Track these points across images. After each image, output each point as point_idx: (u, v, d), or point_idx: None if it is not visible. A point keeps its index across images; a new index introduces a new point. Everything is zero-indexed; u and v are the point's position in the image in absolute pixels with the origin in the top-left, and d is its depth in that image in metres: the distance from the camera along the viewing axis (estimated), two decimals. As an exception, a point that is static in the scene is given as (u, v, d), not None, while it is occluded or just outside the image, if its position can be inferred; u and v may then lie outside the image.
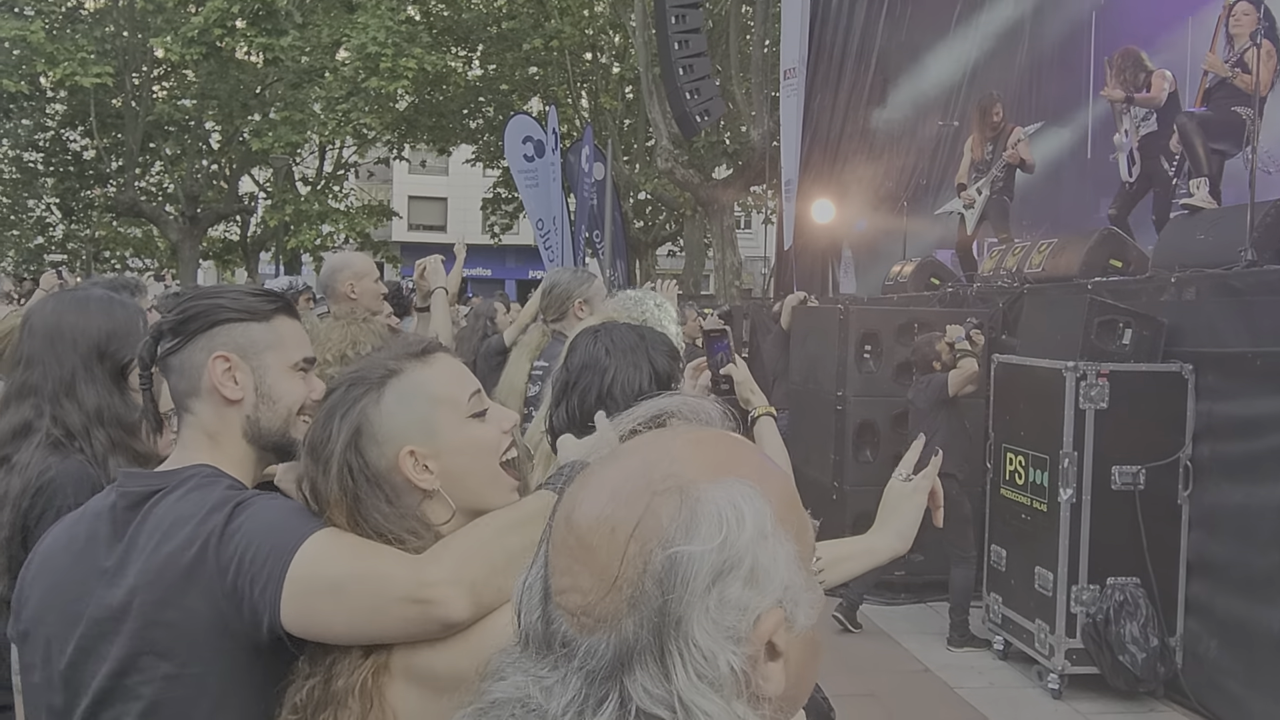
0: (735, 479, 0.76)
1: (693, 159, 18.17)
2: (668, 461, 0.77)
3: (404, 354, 1.41)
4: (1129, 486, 5.04)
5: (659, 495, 0.74)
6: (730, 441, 0.83)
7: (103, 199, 21.79)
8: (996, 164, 8.45)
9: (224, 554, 1.32)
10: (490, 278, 39.71)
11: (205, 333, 1.52)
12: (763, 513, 0.75)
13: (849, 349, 6.87)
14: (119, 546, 1.40)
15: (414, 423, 1.36)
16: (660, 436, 0.83)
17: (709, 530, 0.73)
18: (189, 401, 1.53)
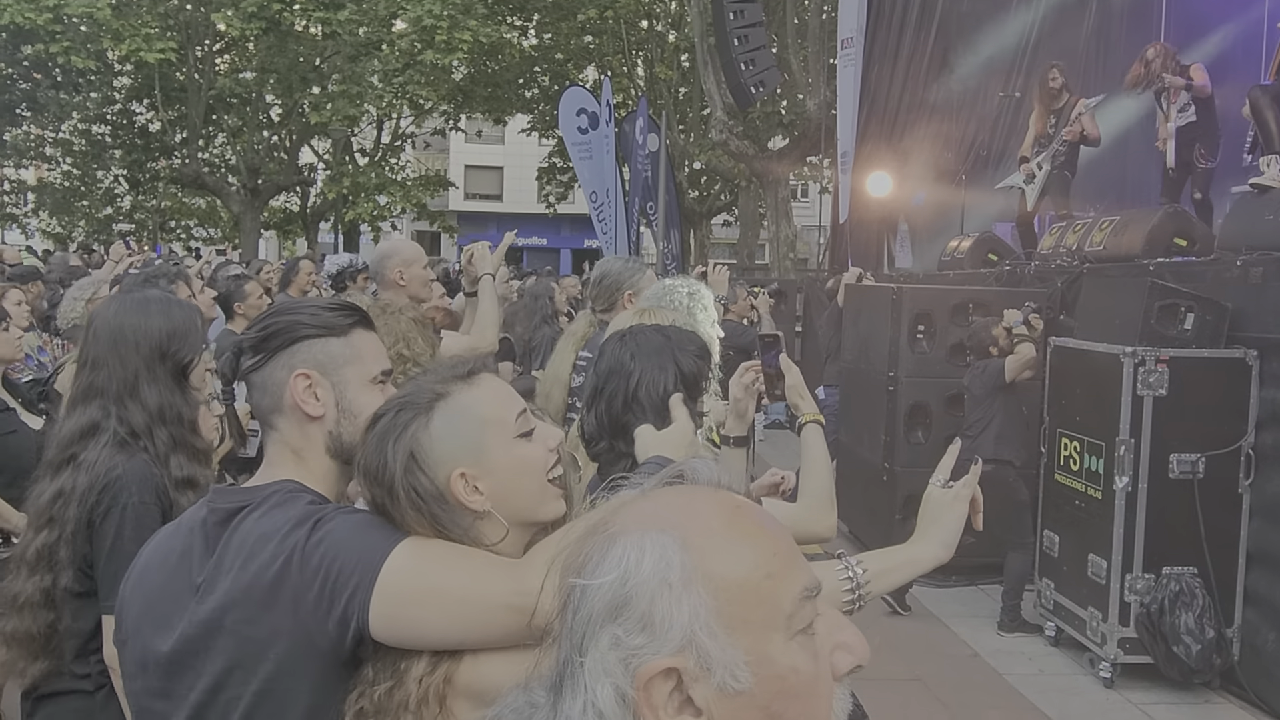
0: (661, 530, 0.79)
1: (748, 130, 17.98)
2: (626, 511, 0.82)
3: (450, 376, 1.43)
4: (1188, 475, 4.94)
5: (593, 536, 0.81)
6: (690, 499, 0.85)
7: (168, 171, 22.26)
8: (1058, 138, 8.23)
9: (308, 568, 1.34)
10: (545, 247, 39.90)
11: (286, 350, 1.53)
12: (670, 562, 0.77)
13: (902, 329, 6.79)
14: (210, 561, 1.43)
15: (463, 445, 1.38)
16: (644, 497, 0.86)
17: (608, 567, 0.78)
18: (272, 418, 1.55)
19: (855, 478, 7.52)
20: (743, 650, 0.78)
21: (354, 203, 21.15)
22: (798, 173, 21.97)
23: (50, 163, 24.75)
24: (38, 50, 17.64)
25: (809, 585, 0.83)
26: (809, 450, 2.44)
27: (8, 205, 26.08)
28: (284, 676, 1.36)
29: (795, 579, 0.82)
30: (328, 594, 1.32)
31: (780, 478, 2.67)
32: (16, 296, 4.97)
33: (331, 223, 26.49)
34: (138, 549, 1.62)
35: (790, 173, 18.73)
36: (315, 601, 1.33)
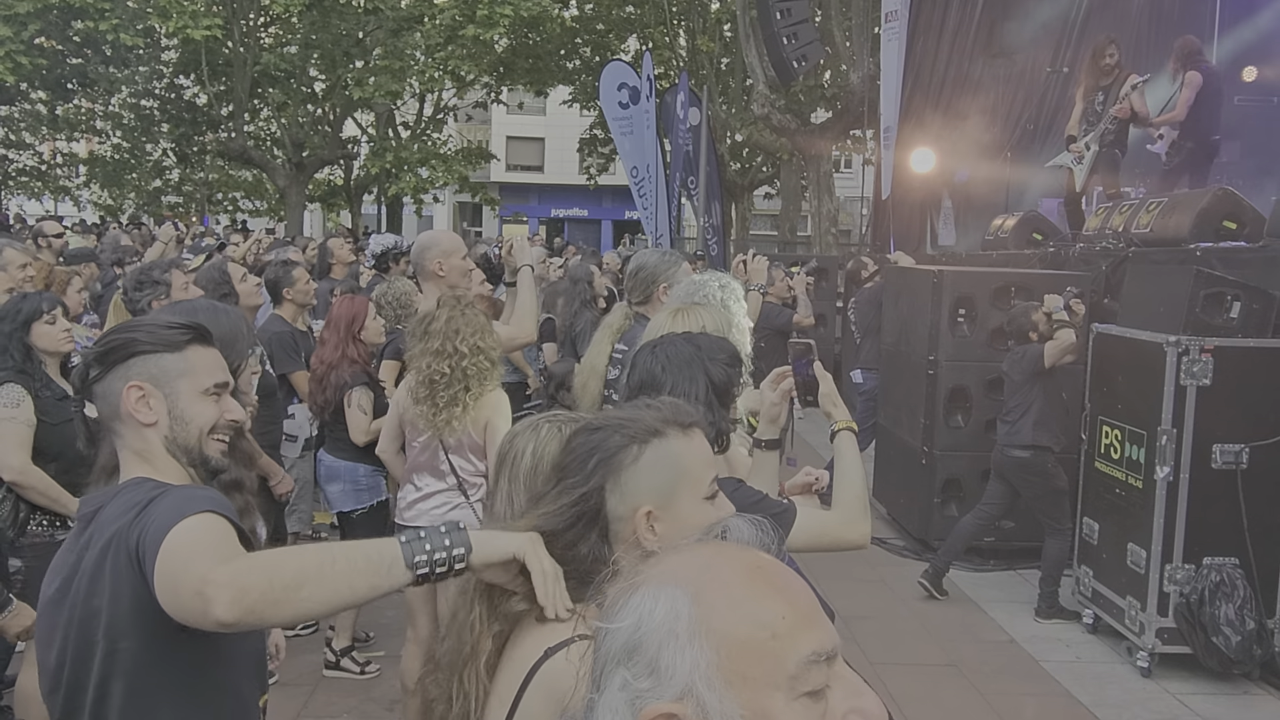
0: (676, 584, 0.86)
1: (790, 104, 17.81)
2: (656, 563, 0.90)
3: (671, 420, 1.52)
4: (1230, 465, 4.90)
5: (625, 591, 0.88)
6: (712, 556, 0.91)
7: (215, 144, 22.56)
8: (1106, 117, 8.08)
9: (132, 536, 1.53)
10: (586, 218, 39.95)
11: (123, 364, 1.72)
12: (679, 615, 0.83)
13: (942, 313, 6.76)
14: (72, 559, 1.65)
15: (660, 487, 1.48)
16: (689, 547, 0.94)
17: (624, 615, 0.85)
18: (113, 425, 1.75)
19: (894, 460, 7.53)
20: (740, 705, 0.81)
21: (397, 176, 21.30)
22: (840, 145, 21.72)
23: (100, 136, 25.20)
24: (87, 26, 17.91)
25: (821, 649, 0.85)
26: (842, 458, 2.47)
27: (60, 178, 26.62)
28: (124, 639, 1.55)
29: (805, 642, 0.85)
30: (140, 554, 1.51)
31: (814, 477, 2.71)
32: (79, 284, 5.13)
33: (375, 195, 26.73)
34: None
35: (833, 146, 18.53)
36: (135, 563, 1.51)
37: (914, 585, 6.19)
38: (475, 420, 3.43)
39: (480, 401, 3.42)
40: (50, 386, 3.59)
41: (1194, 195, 6.74)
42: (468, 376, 3.36)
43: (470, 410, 3.40)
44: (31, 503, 3.52)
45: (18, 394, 3.48)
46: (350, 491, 4.43)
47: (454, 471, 3.55)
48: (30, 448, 3.49)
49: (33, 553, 3.57)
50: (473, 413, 3.42)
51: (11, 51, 16.79)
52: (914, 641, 5.55)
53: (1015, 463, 5.84)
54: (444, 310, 3.44)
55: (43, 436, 3.52)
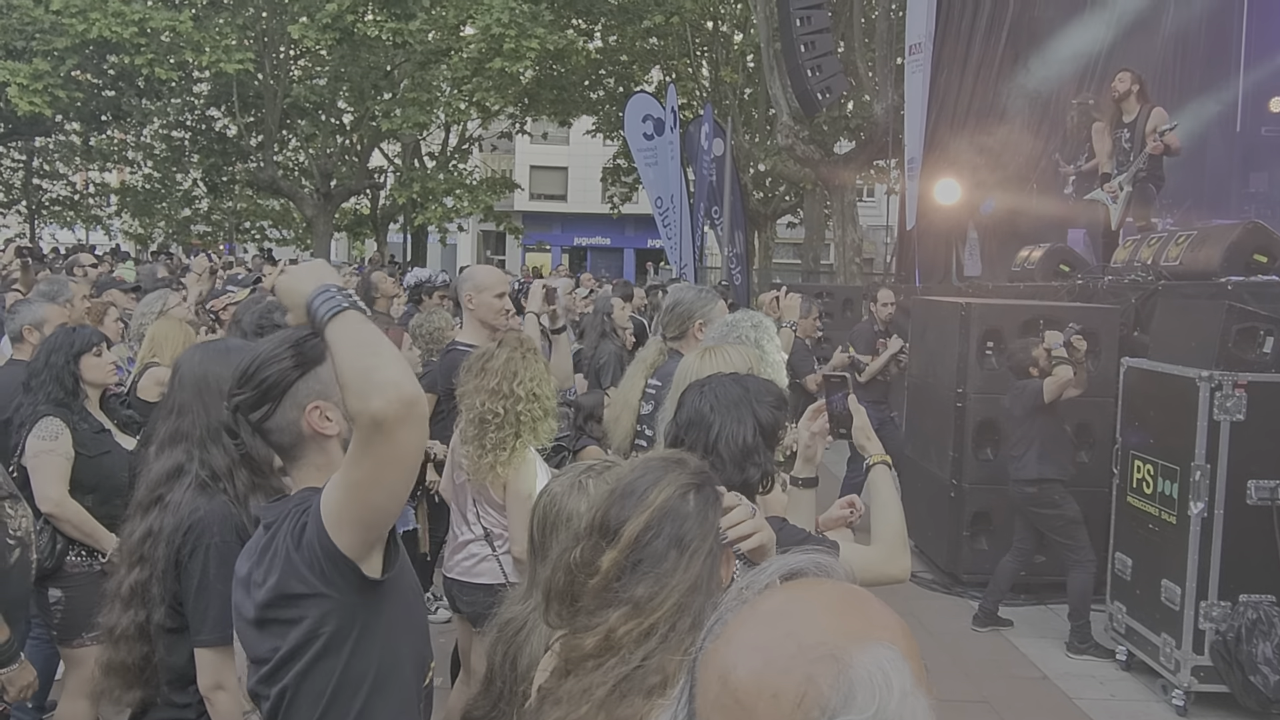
0: (879, 643, 0.82)
1: (814, 134, 17.88)
2: (813, 628, 0.83)
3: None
4: (1266, 501, 4.86)
5: (814, 664, 0.80)
6: (860, 602, 0.89)
7: (244, 174, 22.90)
8: (1139, 156, 8.07)
9: (298, 527, 1.69)
10: (609, 247, 40.11)
11: (289, 391, 1.80)
12: (905, 673, 0.81)
13: (970, 345, 6.75)
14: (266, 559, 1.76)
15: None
16: (796, 598, 0.88)
17: (865, 699, 0.79)
18: (294, 451, 1.83)
19: (922, 494, 7.50)
20: None
21: (423, 206, 21.54)
22: (864, 175, 21.79)
23: (132, 166, 25.64)
24: (122, 61, 18.28)
25: None
26: (879, 493, 2.49)
27: (93, 207, 27.06)
28: (315, 612, 1.67)
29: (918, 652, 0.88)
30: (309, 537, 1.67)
31: (850, 509, 2.72)
32: (115, 314, 5.22)
33: (400, 224, 26.99)
34: (224, 586, 1.91)
35: (856, 176, 18.59)
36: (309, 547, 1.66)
37: (944, 619, 6.14)
38: (495, 482, 3.35)
39: (515, 460, 3.32)
40: (88, 419, 3.66)
41: (1224, 228, 6.72)
42: (520, 422, 3.29)
43: (516, 456, 3.34)
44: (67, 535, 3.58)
45: (56, 427, 3.55)
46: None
47: (479, 520, 3.53)
48: (68, 480, 3.56)
49: (73, 583, 3.62)
50: (514, 462, 3.35)
51: (50, 85, 17.14)
52: (945, 677, 5.50)
53: (1025, 498, 5.89)
54: (504, 350, 3.40)
55: (80, 469, 3.58)
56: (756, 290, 17.56)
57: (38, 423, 3.54)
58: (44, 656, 3.96)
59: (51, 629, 3.67)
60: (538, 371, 3.37)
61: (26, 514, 3.06)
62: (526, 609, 1.98)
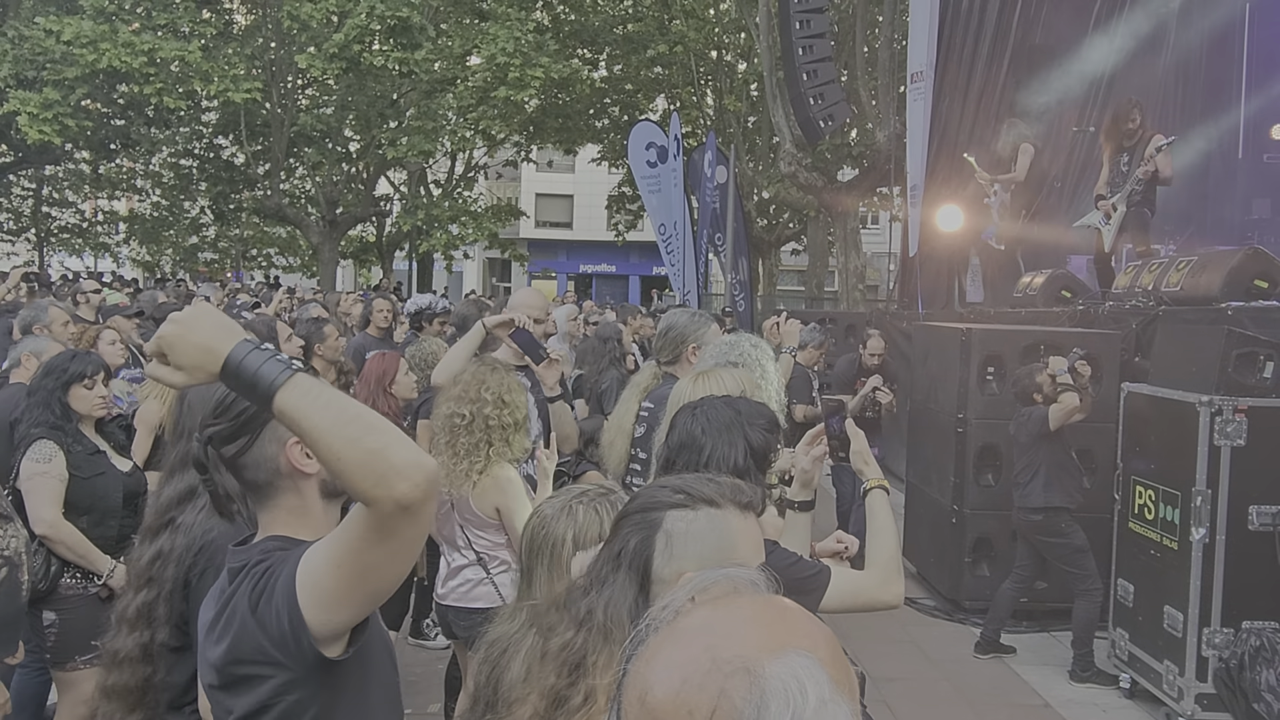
0: (795, 652, 0.82)
1: (816, 162, 17.99)
2: (730, 642, 0.82)
3: (730, 495, 1.53)
4: (1268, 527, 4.83)
5: (729, 678, 0.80)
6: (780, 612, 0.89)
7: (251, 202, 23.06)
8: (1132, 178, 8.12)
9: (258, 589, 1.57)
10: (614, 274, 40.23)
11: (269, 425, 1.66)
12: (821, 681, 0.80)
13: (971, 371, 6.74)
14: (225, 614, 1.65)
15: (705, 556, 1.45)
16: (716, 614, 0.88)
17: (778, 708, 0.78)
18: (268, 491, 1.70)
19: (923, 519, 7.47)
20: None
21: (428, 233, 21.66)
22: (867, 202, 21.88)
23: (141, 194, 25.84)
24: (132, 90, 18.48)
25: None
26: (875, 518, 2.48)
27: (101, 235, 27.25)
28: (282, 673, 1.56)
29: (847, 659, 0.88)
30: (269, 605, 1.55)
31: (844, 546, 2.71)
32: (110, 336, 5.24)
33: (406, 251, 27.13)
34: None
35: (859, 203, 18.67)
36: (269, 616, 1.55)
37: (945, 646, 6.10)
38: (482, 497, 3.34)
39: (493, 473, 3.33)
40: (82, 441, 3.67)
41: (1224, 254, 6.72)
42: (489, 428, 3.31)
43: (491, 468, 3.35)
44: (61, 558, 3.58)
45: (50, 450, 3.56)
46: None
47: (470, 545, 3.52)
48: (61, 502, 3.57)
49: (67, 606, 3.62)
50: (489, 481, 3.33)
51: (59, 114, 17.32)
52: (946, 705, 5.45)
53: (1031, 525, 5.85)
54: (474, 366, 3.47)
55: (74, 491, 3.59)
56: (760, 317, 17.59)
57: (31, 445, 3.55)
58: (37, 684, 3.96)
59: (45, 652, 3.66)
60: (508, 383, 3.38)
61: (18, 535, 3.07)
62: (512, 629, 1.97)
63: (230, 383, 1.44)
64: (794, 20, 13.52)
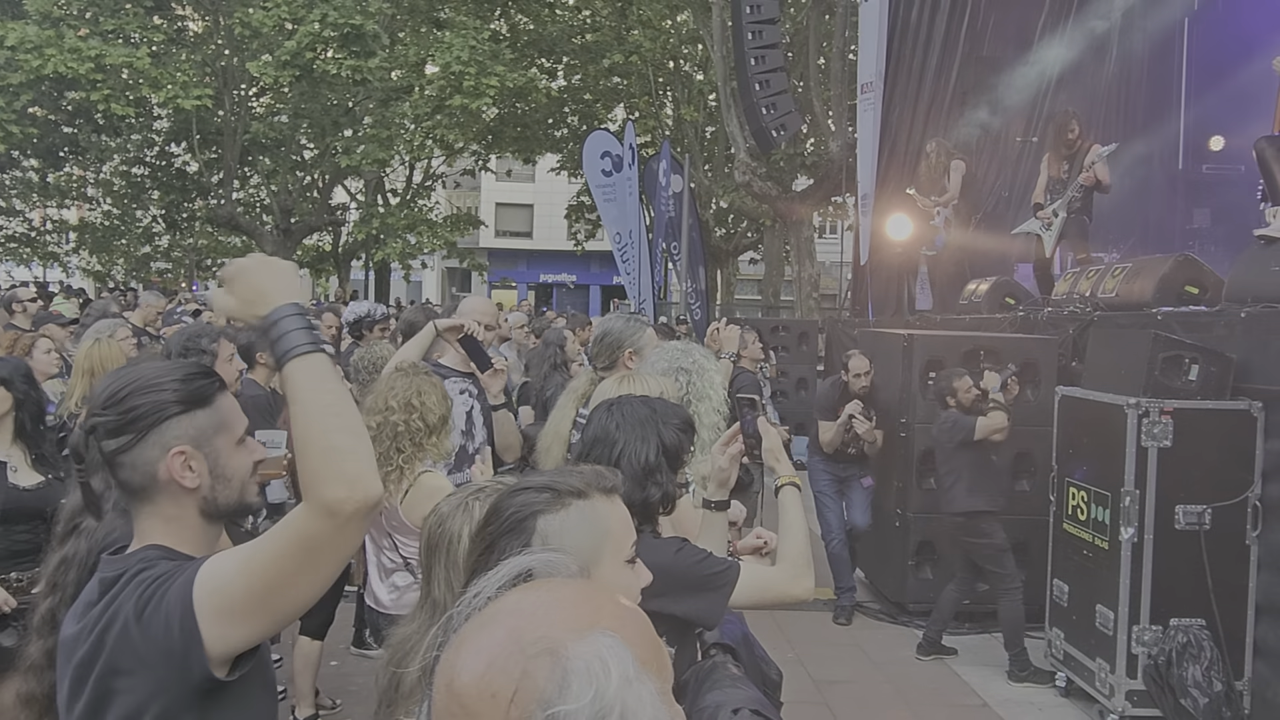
0: (598, 631, 0.84)
1: (771, 171, 18.15)
2: (535, 624, 0.84)
3: (595, 484, 1.53)
4: (1194, 526, 4.94)
5: (533, 659, 0.81)
6: (587, 594, 0.91)
7: (204, 211, 22.79)
8: (1073, 185, 8.29)
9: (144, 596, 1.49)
10: (575, 283, 40.24)
11: (156, 429, 1.58)
12: (625, 660, 0.82)
13: (913, 376, 6.84)
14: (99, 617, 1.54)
15: (584, 546, 1.46)
16: (525, 598, 0.90)
17: (581, 687, 0.80)
18: (143, 496, 1.62)
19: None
20: (671, 715, 0.85)
21: (384, 242, 21.53)
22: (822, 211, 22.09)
23: (91, 203, 25.42)
24: (80, 97, 18.21)
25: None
26: (786, 514, 2.52)
27: (50, 244, 26.77)
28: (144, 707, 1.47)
29: (658, 638, 0.91)
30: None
31: (763, 540, 2.75)
32: (45, 345, 5.17)
33: (363, 261, 26.94)
34: None
35: (814, 213, 18.84)
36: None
37: (888, 649, 6.17)
38: (412, 508, 3.31)
39: (419, 483, 3.31)
40: None
41: (1157, 261, 6.88)
42: (399, 434, 3.31)
43: (406, 478, 3.34)
44: None
45: None
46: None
47: (398, 549, 3.51)
48: None
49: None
50: (409, 485, 3.31)
51: (3, 120, 17.02)
52: (887, 706, 5.51)
53: (955, 527, 5.99)
54: (388, 373, 3.48)
55: None
56: (717, 325, 17.68)
57: None
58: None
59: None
60: (418, 385, 3.38)
61: None
62: (412, 630, 1.98)
63: (264, 331, 1.52)
64: (746, 31, 13.64)
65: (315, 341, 1.49)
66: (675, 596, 2.15)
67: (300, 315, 1.52)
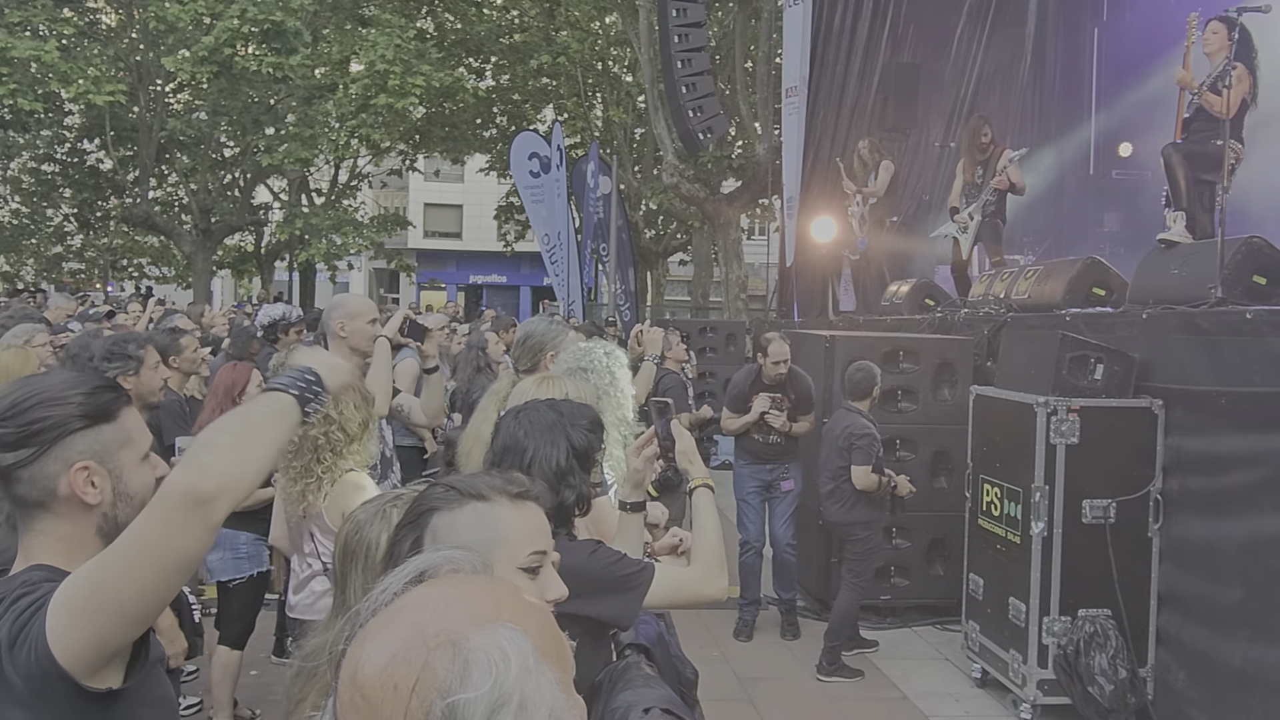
0: (499, 624, 0.86)
1: (699, 173, 18.28)
2: (438, 618, 0.87)
3: (502, 488, 1.52)
4: (1100, 520, 5.12)
5: (434, 651, 0.84)
6: (490, 589, 0.94)
7: (119, 210, 22.11)
8: (986, 189, 8.53)
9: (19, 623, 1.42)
10: (505, 284, 39.97)
11: (58, 443, 1.54)
12: (525, 650, 0.85)
13: (835, 376, 6.95)
14: None
15: (471, 548, 1.43)
16: (429, 593, 0.92)
17: (480, 676, 0.83)
18: (39, 513, 1.56)
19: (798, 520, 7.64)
20: (569, 706, 0.87)
21: (309, 243, 21.13)
22: (750, 214, 22.31)
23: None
24: (-16, 91, 17.53)
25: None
26: (699, 515, 2.55)
27: (-46, 244, 25.73)
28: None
29: (560, 631, 0.93)
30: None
31: (679, 539, 2.78)
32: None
33: (287, 262, 26.40)
34: None
35: (742, 214, 19.03)
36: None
37: (813, 646, 6.26)
38: (333, 505, 3.28)
39: (342, 480, 3.29)
40: None
41: (1066, 264, 7.11)
42: (318, 447, 3.27)
43: (325, 486, 3.30)
44: None
45: None
46: (230, 560, 4.34)
47: (319, 555, 3.47)
48: None
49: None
50: (330, 490, 3.29)
51: (-97, 115, 16.33)
52: (809, 703, 5.60)
53: (838, 525, 6.13)
54: None
55: None
56: (646, 326, 17.75)
57: None
58: None
59: None
60: (337, 396, 3.35)
61: None
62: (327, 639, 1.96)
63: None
64: (673, 34, 13.74)
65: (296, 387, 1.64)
66: (590, 598, 2.17)
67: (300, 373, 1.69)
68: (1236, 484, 4.56)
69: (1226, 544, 4.62)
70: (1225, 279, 5.07)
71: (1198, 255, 5.51)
